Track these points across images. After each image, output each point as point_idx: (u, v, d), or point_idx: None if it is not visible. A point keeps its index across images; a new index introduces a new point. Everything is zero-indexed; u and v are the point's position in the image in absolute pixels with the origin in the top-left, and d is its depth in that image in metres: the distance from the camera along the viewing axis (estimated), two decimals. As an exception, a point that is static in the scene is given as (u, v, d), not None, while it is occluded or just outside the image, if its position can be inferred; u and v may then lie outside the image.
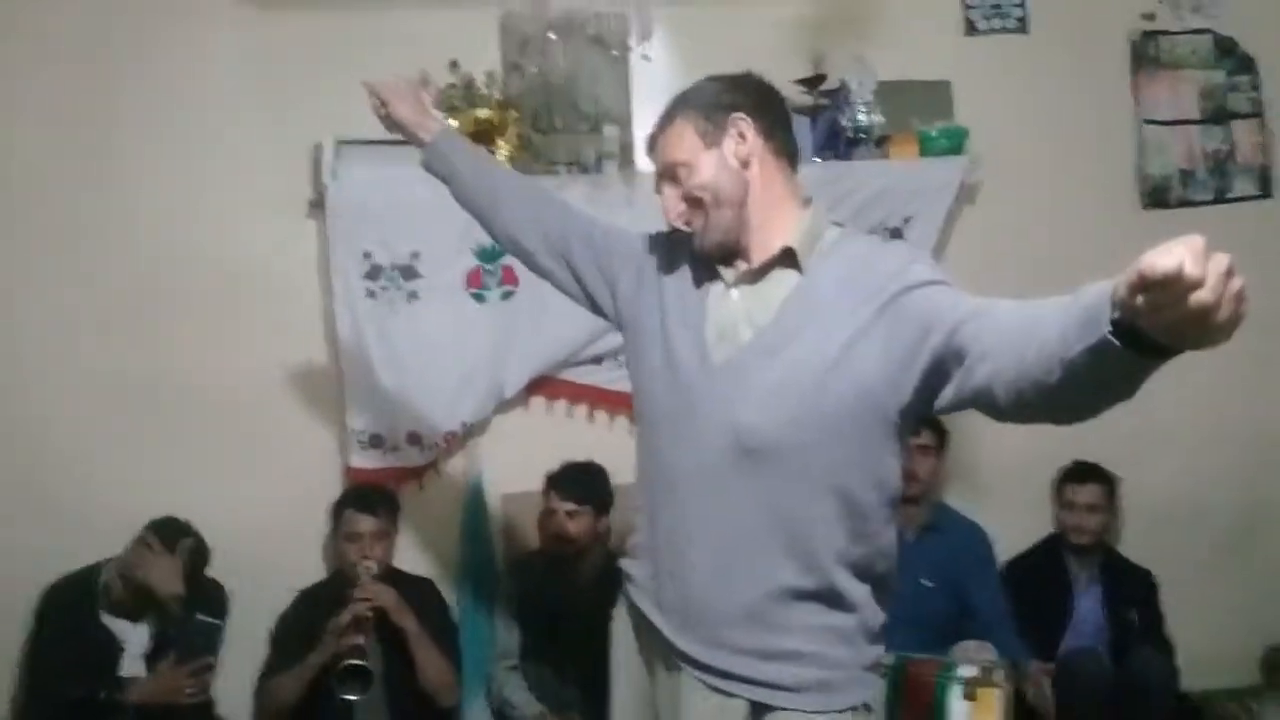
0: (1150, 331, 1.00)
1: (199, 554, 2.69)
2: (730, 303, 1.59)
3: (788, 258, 1.56)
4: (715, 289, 1.62)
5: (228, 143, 3.00)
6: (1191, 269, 0.92)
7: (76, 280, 2.95)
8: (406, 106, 1.94)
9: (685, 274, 1.66)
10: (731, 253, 1.61)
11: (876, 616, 1.58)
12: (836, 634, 1.54)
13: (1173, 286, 0.93)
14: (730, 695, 1.54)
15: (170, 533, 2.65)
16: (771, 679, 1.53)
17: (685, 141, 1.60)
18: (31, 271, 2.94)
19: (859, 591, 1.55)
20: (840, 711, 1.53)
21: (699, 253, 1.63)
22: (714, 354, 1.56)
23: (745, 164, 1.58)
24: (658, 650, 1.64)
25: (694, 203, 1.59)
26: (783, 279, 1.57)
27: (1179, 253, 0.92)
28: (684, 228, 1.62)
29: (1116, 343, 1.04)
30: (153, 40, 2.98)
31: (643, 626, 1.67)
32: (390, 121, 1.96)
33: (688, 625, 1.57)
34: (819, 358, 1.47)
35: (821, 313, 1.50)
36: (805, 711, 1.52)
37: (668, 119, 1.64)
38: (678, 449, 1.58)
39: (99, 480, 2.85)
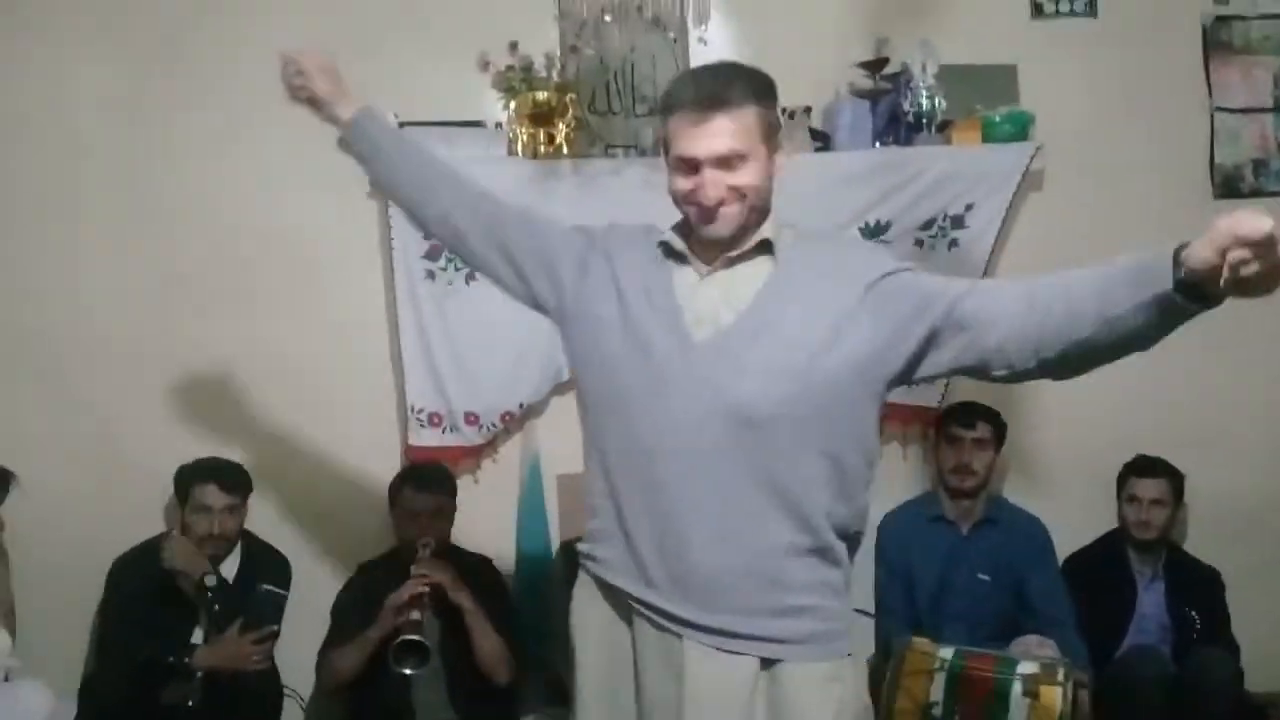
0: (1217, 286, 1.20)
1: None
2: (705, 288, 1.65)
3: (761, 248, 1.64)
4: (682, 275, 1.67)
5: (290, 122, 3.01)
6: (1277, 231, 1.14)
7: (140, 259, 3.00)
8: (326, 81, 1.86)
9: (640, 262, 1.69)
10: (725, 244, 1.65)
11: (850, 572, 1.68)
12: (830, 588, 1.63)
13: (1263, 246, 1.13)
14: (738, 654, 1.59)
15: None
16: (780, 634, 1.59)
17: (753, 135, 1.58)
18: (97, 251, 2.99)
19: (841, 548, 1.64)
20: (840, 659, 1.63)
21: (707, 236, 1.63)
22: (694, 335, 1.61)
23: (775, 175, 1.64)
24: (645, 619, 1.64)
25: (739, 195, 1.59)
26: (755, 266, 1.64)
27: (1263, 219, 1.13)
28: (688, 211, 1.63)
29: (1179, 297, 1.25)
30: (215, 17, 3.02)
31: (617, 600, 1.68)
32: (307, 94, 1.87)
33: (689, 594, 1.59)
34: (808, 339, 1.55)
35: (802, 297, 1.59)
36: (812, 662, 1.60)
37: (740, 97, 1.57)
38: (654, 428, 1.59)
39: (162, 454, 2.88)
